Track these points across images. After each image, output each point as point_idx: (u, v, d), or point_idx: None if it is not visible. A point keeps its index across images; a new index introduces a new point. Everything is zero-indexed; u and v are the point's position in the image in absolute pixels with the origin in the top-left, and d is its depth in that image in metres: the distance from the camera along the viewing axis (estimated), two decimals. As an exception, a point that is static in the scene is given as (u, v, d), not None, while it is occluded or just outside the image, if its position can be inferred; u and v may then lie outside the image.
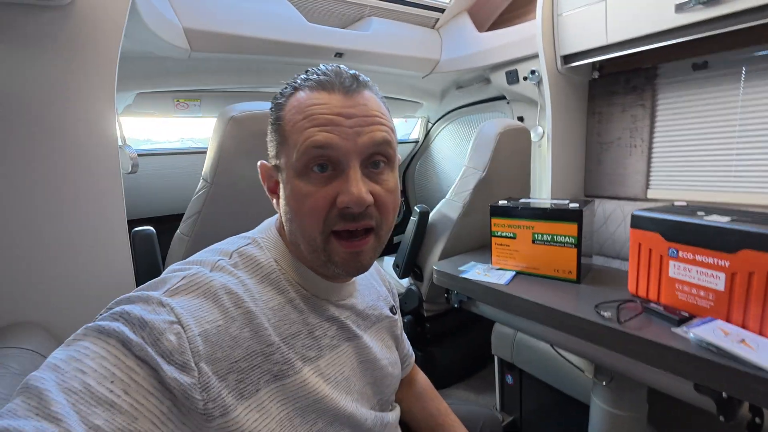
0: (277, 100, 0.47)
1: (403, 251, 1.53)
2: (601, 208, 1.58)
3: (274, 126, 0.46)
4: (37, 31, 0.75)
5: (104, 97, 0.83)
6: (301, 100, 0.44)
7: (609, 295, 0.89)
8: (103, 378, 0.31)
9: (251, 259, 0.46)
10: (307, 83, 0.45)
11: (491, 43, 1.79)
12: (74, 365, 0.31)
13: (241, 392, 0.38)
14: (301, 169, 0.43)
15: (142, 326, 0.34)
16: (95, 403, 0.30)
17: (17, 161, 0.76)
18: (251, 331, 0.41)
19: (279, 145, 0.46)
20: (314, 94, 0.44)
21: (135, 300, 0.37)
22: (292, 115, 0.44)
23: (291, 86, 0.47)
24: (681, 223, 0.80)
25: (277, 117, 0.46)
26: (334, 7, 1.66)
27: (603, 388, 0.96)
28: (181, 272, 0.41)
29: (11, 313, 0.76)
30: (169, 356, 0.34)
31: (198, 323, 0.37)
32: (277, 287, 0.46)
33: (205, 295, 0.40)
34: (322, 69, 0.46)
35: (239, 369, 0.38)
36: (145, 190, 1.72)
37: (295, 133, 0.43)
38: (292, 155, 0.43)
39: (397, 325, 0.65)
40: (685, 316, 0.77)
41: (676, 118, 1.45)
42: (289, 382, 0.42)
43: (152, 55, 1.29)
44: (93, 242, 0.84)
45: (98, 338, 0.33)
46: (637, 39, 1.23)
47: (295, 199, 0.44)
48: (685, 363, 0.68)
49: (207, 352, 0.36)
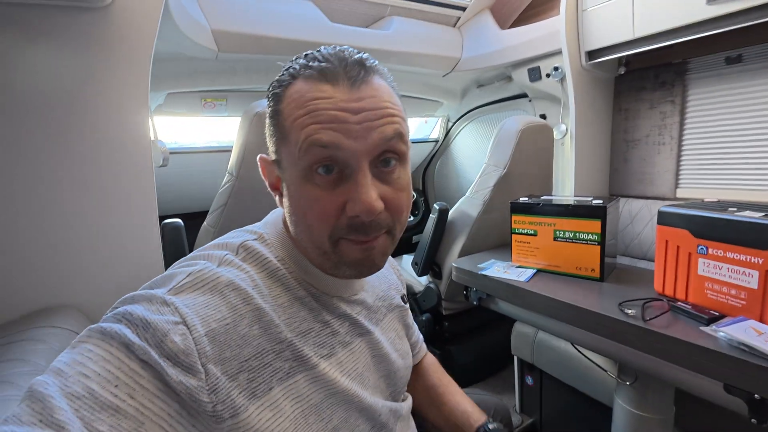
0: (274, 90, 0.42)
1: (422, 249, 1.53)
2: (627, 207, 1.54)
3: (273, 120, 0.42)
4: (77, 31, 0.80)
5: (138, 95, 0.87)
6: (301, 92, 0.39)
7: (634, 294, 0.87)
8: (106, 382, 0.30)
9: (257, 255, 0.44)
10: (307, 71, 0.40)
11: (513, 41, 1.77)
12: (77, 369, 0.30)
13: (253, 391, 0.37)
14: (305, 169, 0.39)
15: (145, 327, 0.33)
16: (99, 408, 0.29)
17: (58, 155, 0.81)
18: (261, 328, 0.39)
19: (279, 141, 0.42)
20: (316, 85, 0.39)
21: (139, 299, 0.36)
22: (291, 108, 0.40)
23: (288, 74, 0.42)
24: (711, 219, 0.77)
25: (276, 110, 0.42)
26: (356, 7, 1.69)
27: (627, 389, 0.93)
28: (187, 268, 0.39)
29: (51, 297, 0.81)
30: (174, 358, 0.32)
31: (204, 322, 0.35)
32: (285, 285, 0.44)
33: (212, 292, 0.38)
34: (323, 53, 0.41)
35: (250, 368, 0.37)
36: (173, 188, 1.79)
37: (296, 130, 0.39)
38: (294, 153, 0.39)
39: (407, 313, 0.64)
40: (715, 315, 0.74)
41: (708, 115, 1.40)
42: (301, 378, 0.41)
43: (182, 56, 1.34)
44: (126, 231, 0.88)
45: (101, 340, 0.32)
46: (666, 32, 1.19)
47: (301, 204, 0.41)
48: (714, 363, 0.65)
49: (215, 353, 0.35)
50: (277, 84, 0.43)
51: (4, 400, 0.47)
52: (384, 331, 0.55)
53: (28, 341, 0.61)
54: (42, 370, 0.54)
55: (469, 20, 1.96)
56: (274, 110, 0.42)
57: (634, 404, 0.93)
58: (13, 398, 0.48)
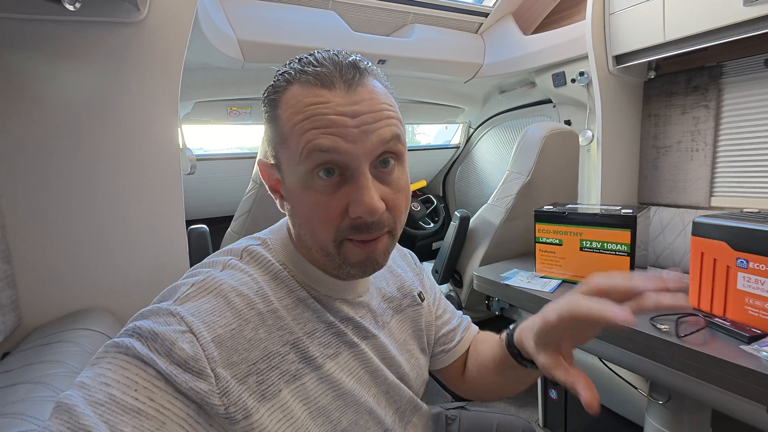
0: (270, 96, 0.43)
1: (443, 257, 1.51)
2: (658, 216, 1.48)
3: (271, 125, 0.42)
4: (112, 46, 0.84)
5: (168, 104, 0.91)
6: (298, 97, 0.40)
7: (666, 308, 0.83)
8: (126, 387, 0.32)
9: (261, 259, 0.45)
10: (303, 76, 0.40)
11: (537, 46, 1.74)
12: (98, 380, 0.32)
13: (263, 393, 0.38)
14: (306, 174, 0.40)
15: (153, 339, 0.34)
16: (122, 411, 0.31)
17: (91, 164, 0.84)
18: (266, 331, 0.40)
19: (278, 145, 0.42)
20: (313, 89, 0.39)
21: (147, 314, 0.37)
22: (290, 114, 0.40)
23: (284, 79, 0.42)
24: (753, 231, 0.73)
25: (273, 115, 0.42)
26: (378, 15, 1.70)
27: (660, 408, 0.89)
28: (191, 279, 0.41)
29: (83, 300, 0.85)
30: (184, 365, 0.34)
31: (210, 329, 0.36)
32: (289, 287, 0.45)
33: (216, 299, 0.39)
34: (317, 57, 0.41)
35: (258, 371, 0.38)
36: (199, 193, 1.84)
37: (296, 135, 0.39)
38: (295, 158, 0.40)
39: (421, 313, 0.60)
40: (757, 333, 0.70)
41: (746, 119, 1.33)
42: (309, 380, 0.42)
43: (210, 66, 1.39)
44: (155, 237, 0.91)
45: (117, 352, 0.34)
46: (699, 35, 1.15)
47: (304, 208, 0.41)
48: (755, 384, 0.62)
49: (222, 357, 0.36)
50: (272, 89, 0.43)
51: (38, 400, 0.49)
52: (391, 333, 0.54)
53: (62, 343, 0.63)
54: (75, 372, 0.56)
55: (492, 26, 1.94)
56: (272, 115, 0.42)
57: (668, 425, 0.88)
58: (48, 399, 0.49)
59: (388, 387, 0.51)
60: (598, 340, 0.84)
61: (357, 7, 1.62)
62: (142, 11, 0.83)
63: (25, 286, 0.79)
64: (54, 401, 0.49)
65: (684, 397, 0.84)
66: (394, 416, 0.51)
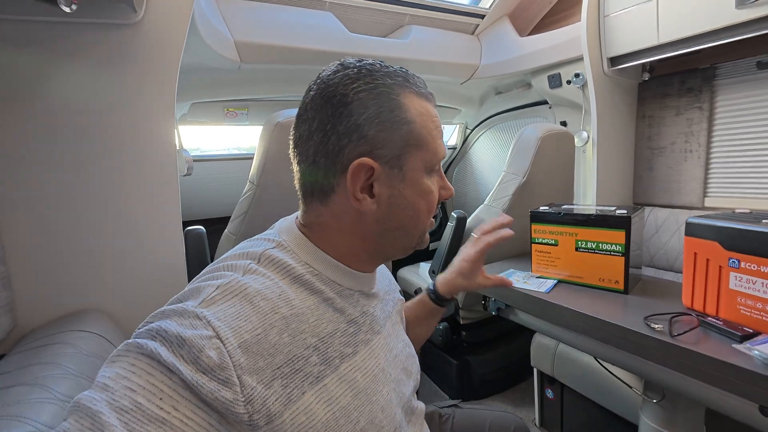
0: (392, 95, 0.45)
1: (440, 257, 1.52)
2: (653, 216, 1.49)
3: (399, 126, 0.45)
4: (109, 47, 0.84)
5: (165, 106, 0.91)
6: (425, 108, 0.48)
7: (660, 308, 0.84)
8: (151, 395, 0.32)
9: (280, 263, 0.45)
10: (413, 87, 0.48)
11: (533, 47, 1.76)
12: (123, 383, 0.32)
13: (288, 397, 0.38)
14: (430, 171, 0.49)
15: (180, 345, 0.34)
16: (147, 420, 0.31)
17: (88, 164, 0.84)
18: (290, 335, 0.40)
19: (409, 146, 0.46)
20: (429, 104, 0.49)
21: (170, 314, 0.37)
22: (424, 121, 0.47)
23: (391, 82, 0.46)
24: (743, 231, 0.74)
25: (404, 118, 0.45)
26: (375, 17, 1.71)
27: (654, 407, 0.90)
28: (215, 281, 0.41)
29: (80, 302, 0.84)
30: (210, 373, 0.34)
31: (236, 334, 0.36)
32: (311, 288, 0.45)
33: (241, 303, 0.39)
34: (416, 76, 0.49)
35: (283, 375, 0.38)
36: (196, 194, 1.84)
37: (432, 141, 0.48)
38: (426, 158, 0.48)
39: (403, 306, 0.71)
40: (749, 332, 0.71)
41: (738, 121, 1.35)
42: (330, 381, 0.42)
43: (206, 67, 1.39)
44: (152, 238, 0.91)
45: (140, 354, 0.34)
46: (692, 38, 1.16)
47: (424, 197, 0.49)
48: (748, 383, 0.62)
49: (249, 363, 0.36)
50: (387, 90, 0.45)
51: (35, 402, 0.49)
52: (393, 323, 0.59)
53: (59, 344, 0.63)
54: (71, 374, 0.56)
55: (488, 28, 1.95)
56: (403, 118, 0.46)
57: (662, 423, 0.89)
58: (45, 401, 0.49)
59: (395, 383, 0.53)
60: (594, 340, 0.85)
61: (354, 8, 1.63)
62: (139, 13, 0.83)
63: (21, 287, 0.79)
64: (51, 403, 0.49)
65: (678, 395, 0.85)
66: (401, 413, 0.53)
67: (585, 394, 1.23)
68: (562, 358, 1.28)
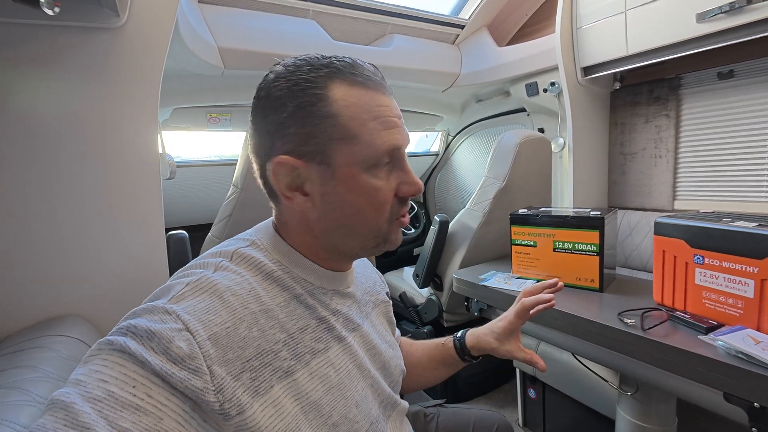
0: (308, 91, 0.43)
1: (423, 261, 1.54)
2: (626, 219, 1.56)
3: (322, 120, 0.43)
4: (91, 51, 0.83)
5: (148, 110, 0.90)
6: (360, 98, 0.44)
7: (633, 304, 0.88)
8: (124, 384, 0.32)
9: (252, 260, 0.46)
10: (350, 77, 0.44)
11: (511, 57, 1.82)
12: (95, 377, 0.32)
13: (256, 390, 0.39)
14: (371, 166, 0.45)
15: (149, 337, 0.34)
16: (120, 407, 0.31)
17: (68, 167, 0.83)
18: (259, 330, 0.41)
19: (333, 141, 0.43)
20: (369, 93, 0.45)
21: (141, 313, 0.37)
22: (354, 112, 0.43)
23: (319, 75, 0.44)
24: (706, 229, 0.79)
25: (327, 112, 0.43)
26: (358, 26, 1.74)
27: (629, 399, 0.93)
28: (185, 278, 0.41)
29: (59, 306, 0.82)
30: (181, 362, 0.34)
31: (206, 327, 0.37)
32: (281, 285, 0.46)
33: (211, 298, 0.39)
34: (359, 65, 0.46)
35: (252, 368, 0.39)
36: (178, 202, 1.81)
37: (367, 134, 0.44)
38: (360, 153, 0.44)
39: (390, 309, 0.68)
40: (713, 324, 0.75)
41: (703, 128, 1.43)
42: (300, 376, 0.43)
43: (189, 72, 1.38)
44: (134, 242, 0.90)
45: (112, 350, 0.34)
46: (658, 49, 1.23)
47: (364, 194, 0.45)
48: (713, 372, 0.66)
49: (218, 355, 0.37)
50: (309, 84, 0.43)
51: (13, 405, 0.48)
52: (373, 324, 0.58)
53: (37, 349, 0.62)
54: (50, 377, 0.55)
55: (468, 38, 2.01)
56: (325, 112, 0.43)
57: (637, 415, 0.93)
58: (23, 404, 0.48)
59: (372, 380, 0.53)
60: (572, 337, 0.88)
61: (337, 17, 1.65)
62: (122, 17, 0.83)
63: None
64: (30, 405, 0.48)
65: (651, 387, 0.89)
66: (378, 409, 0.53)
67: (566, 392, 1.26)
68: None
